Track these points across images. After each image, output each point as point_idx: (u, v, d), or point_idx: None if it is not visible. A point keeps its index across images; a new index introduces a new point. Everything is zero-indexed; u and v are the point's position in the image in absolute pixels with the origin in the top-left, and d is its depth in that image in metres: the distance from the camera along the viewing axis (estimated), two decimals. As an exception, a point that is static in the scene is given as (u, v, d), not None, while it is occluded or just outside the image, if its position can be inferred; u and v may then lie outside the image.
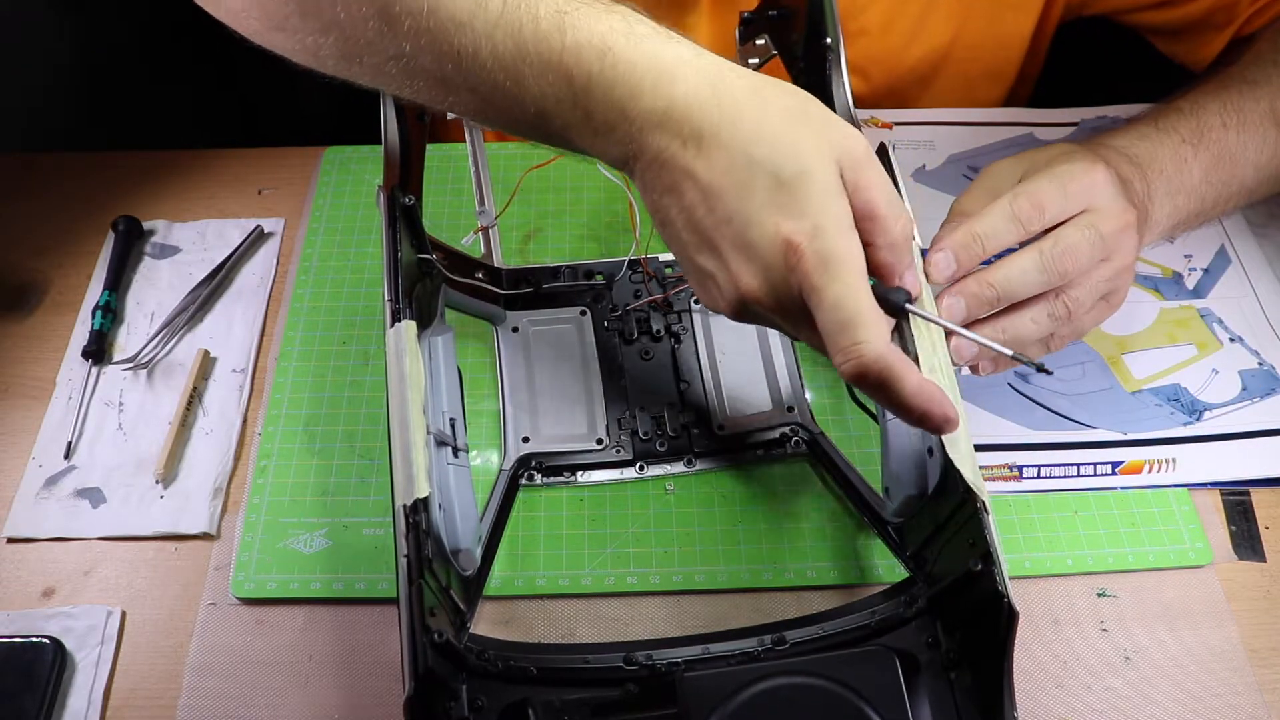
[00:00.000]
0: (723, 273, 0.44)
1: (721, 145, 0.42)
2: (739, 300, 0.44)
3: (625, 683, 0.48)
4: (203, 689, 0.54)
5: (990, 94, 0.85)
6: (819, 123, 0.43)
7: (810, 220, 0.41)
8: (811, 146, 0.42)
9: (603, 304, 0.67)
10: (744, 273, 0.43)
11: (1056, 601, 0.57)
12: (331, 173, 0.77)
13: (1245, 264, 0.71)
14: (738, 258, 0.43)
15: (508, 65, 0.43)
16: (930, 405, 0.41)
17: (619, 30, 0.43)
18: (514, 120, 0.46)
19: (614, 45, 0.42)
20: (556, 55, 0.42)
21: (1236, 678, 0.54)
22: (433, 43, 0.43)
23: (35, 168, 0.77)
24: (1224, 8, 0.73)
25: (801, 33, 0.61)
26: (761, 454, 0.62)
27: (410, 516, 0.45)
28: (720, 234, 0.43)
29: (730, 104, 0.42)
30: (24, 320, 0.69)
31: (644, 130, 0.43)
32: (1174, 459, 0.62)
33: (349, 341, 0.67)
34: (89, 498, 0.60)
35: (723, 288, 0.44)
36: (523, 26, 0.42)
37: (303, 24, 0.45)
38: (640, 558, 0.58)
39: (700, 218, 0.43)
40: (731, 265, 0.43)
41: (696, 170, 0.42)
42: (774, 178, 0.41)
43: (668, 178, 0.43)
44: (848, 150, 0.43)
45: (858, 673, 0.44)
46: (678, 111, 0.42)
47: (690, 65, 0.43)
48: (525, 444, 0.61)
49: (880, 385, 0.41)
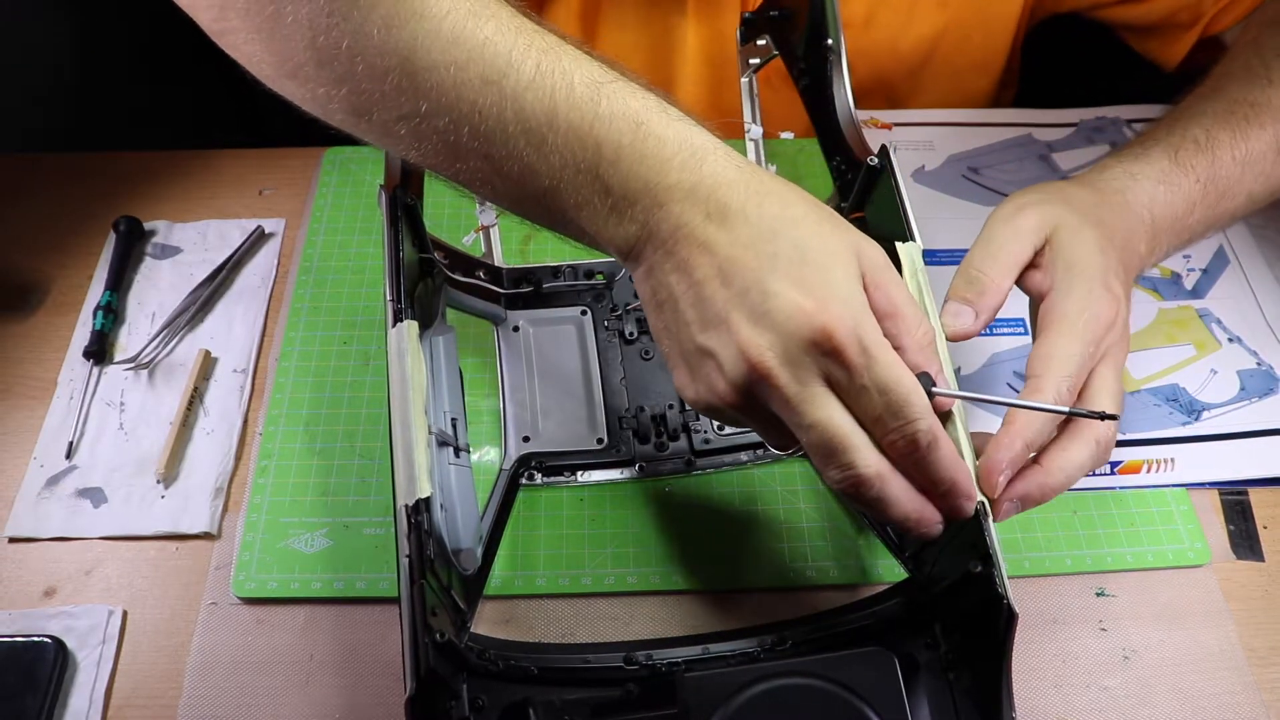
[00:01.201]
0: (729, 348, 0.41)
1: (747, 220, 0.41)
2: (744, 377, 0.41)
3: (625, 682, 0.48)
4: (204, 688, 0.54)
5: (977, 86, 0.85)
6: (841, 221, 0.44)
7: (841, 306, 0.40)
8: (836, 236, 0.42)
9: (603, 304, 0.67)
10: (757, 344, 0.41)
11: (1055, 601, 0.57)
12: (332, 173, 0.77)
13: (1244, 264, 0.72)
14: (751, 329, 0.41)
15: (532, 129, 0.42)
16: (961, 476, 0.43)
17: (653, 108, 0.42)
18: (522, 193, 0.44)
19: (647, 120, 0.42)
20: (589, 124, 0.41)
21: (1235, 677, 0.54)
22: (454, 102, 0.42)
23: (37, 168, 0.77)
24: (1187, 6, 0.74)
25: (802, 33, 0.61)
26: (761, 454, 0.62)
27: (412, 516, 0.45)
28: (733, 305, 0.41)
29: (758, 186, 0.42)
30: (25, 320, 0.69)
31: (667, 203, 0.42)
32: (1172, 459, 0.62)
33: (350, 342, 0.67)
34: (90, 497, 0.60)
35: (726, 364, 0.42)
36: (556, 91, 0.41)
37: (317, 74, 0.44)
38: (640, 558, 0.58)
39: (711, 292, 0.42)
40: (742, 336, 0.41)
41: (716, 242, 0.41)
42: (800, 256, 0.41)
43: (681, 253, 0.42)
44: (868, 251, 0.43)
45: (857, 673, 0.44)
46: (705, 187, 0.42)
47: (719, 150, 0.43)
48: (526, 444, 0.62)
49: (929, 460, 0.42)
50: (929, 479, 0.42)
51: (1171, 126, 0.59)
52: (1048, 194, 0.53)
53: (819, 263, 0.41)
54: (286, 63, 0.44)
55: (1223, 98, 0.60)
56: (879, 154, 0.54)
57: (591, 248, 0.46)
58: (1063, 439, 0.48)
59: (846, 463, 0.41)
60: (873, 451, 0.41)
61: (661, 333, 0.45)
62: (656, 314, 0.45)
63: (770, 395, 0.41)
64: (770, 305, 0.40)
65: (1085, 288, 0.49)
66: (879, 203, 0.55)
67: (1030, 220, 0.51)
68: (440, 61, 0.41)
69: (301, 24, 0.42)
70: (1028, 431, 0.46)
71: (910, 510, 0.43)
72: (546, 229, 0.47)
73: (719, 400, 0.43)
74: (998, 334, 0.68)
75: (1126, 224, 0.53)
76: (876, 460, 0.41)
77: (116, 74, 0.98)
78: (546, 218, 0.46)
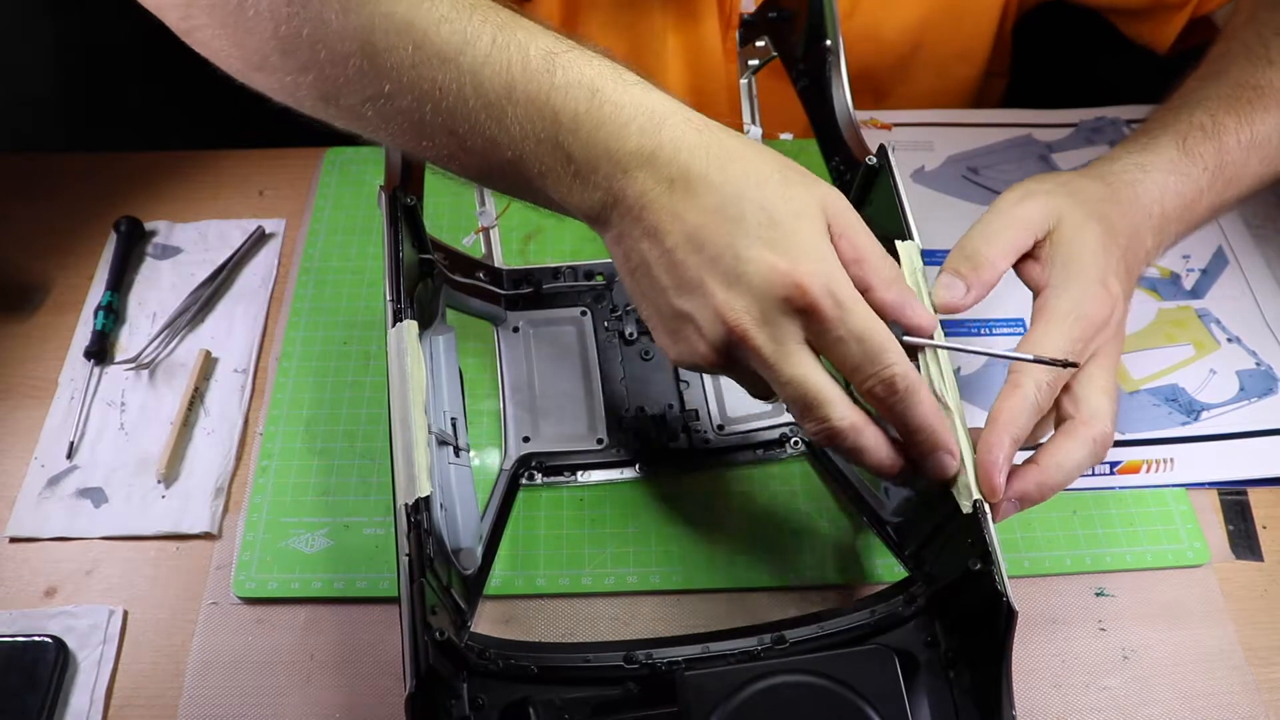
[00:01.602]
0: (706, 311, 0.43)
1: (711, 186, 0.42)
2: (723, 338, 0.43)
3: (626, 681, 0.48)
4: (204, 688, 0.54)
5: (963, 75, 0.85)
6: (805, 175, 0.45)
7: (811, 261, 0.42)
8: (802, 193, 0.43)
9: (603, 304, 0.67)
10: (733, 306, 0.42)
11: (1055, 601, 0.57)
12: (333, 173, 0.77)
13: (1243, 264, 0.72)
14: (727, 292, 0.42)
15: (492, 103, 0.43)
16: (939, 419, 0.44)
17: (608, 75, 0.43)
18: (489, 165, 0.45)
19: (603, 87, 0.43)
20: (545, 93, 0.42)
21: (1234, 677, 0.54)
22: (415, 80, 0.43)
23: (37, 169, 0.78)
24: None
25: (801, 35, 0.61)
26: (761, 454, 0.62)
27: (412, 515, 0.45)
28: (707, 270, 0.42)
29: (719, 149, 0.43)
30: (26, 321, 0.69)
31: (628, 170, 0.43)
32: (1172, 459, 0.62)
33: (350, 342, 0.67)
34: (91, 497, 0.60)
35: (705, 327, 0.43)
36: (512, 64, 0.42)
37: (283, 63, 0.45)
38: (640, 557, 0.58)
39: (683, 258, 0.43)
40: (719, 300, 0.42)
41: (684, 209, 0.42)
42: (768, 217, 0.42)
43: (649, 219, 0.43)
44: (833, 202, 0.44)
45: (857, 671, 0.44)
46: (665, 153, 0.42)
47: (678, 114, 0.43)
48: (526, 444, 0.62)
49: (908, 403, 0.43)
50: (909, 425, 0.44)
51: (1177, 112, 0.58)
52: (1055, 185, 0.53)
53: (787, 222, 0.42)
54: (253, 55, 0.46)
55: (1225, 80, 0.59)
56: (878, 154, 0.54)
57: (561, 214, 0.47)
58: (1059, 438, 0.48)
59: (822, 416, 0.43)
60: (847, 404, 0.44)
61: (638, 297, 0.46)
62: (630, 279, 0.46)
63: (749, 354, 0.43)
64: (743, 268, 0.42)
65: (1081, 286, 0.49)
66: (878, 202, 0.55)
67: (1034, 210, 0.51)
68: (398, 42, 0.42)
69: (263, 15, 0.43)
70: (1013, 427, 0.46)
71: (886, 459, 0.45)
72: (518, 200, 0.48)
73: (701, 360, 0.45)
74: (997, 334, 0.68)
75: (1134, 220, 0.53)
76: (851, 413, 0.44)
77: (116, 74, 0.98)
78: (515, 188, 0.47)
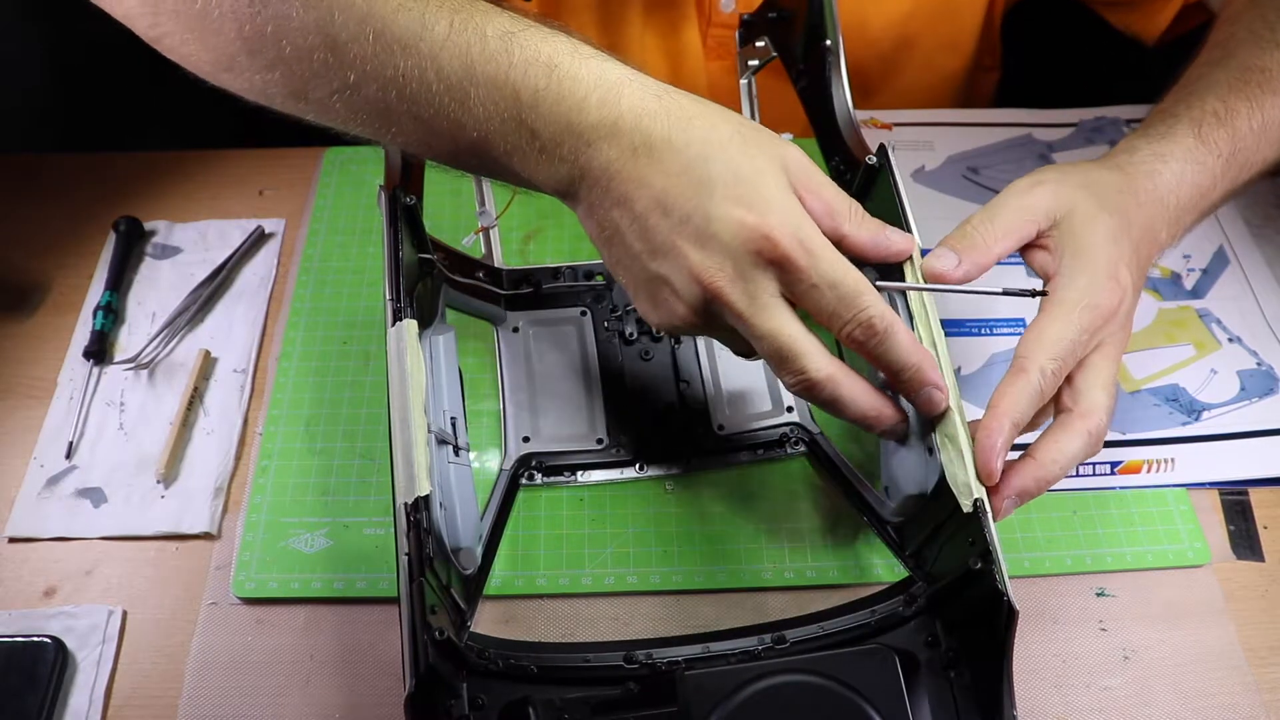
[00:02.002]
0: (680, 273, 0.44)
1: (674, 149, 0.43)
2: (699, 298, 0.44)
3: (626, 681, 0.48)
4: (204, 688, 0.54)
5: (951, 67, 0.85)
6: (764, 133, 0.45)
7: (778, 214, 0.42)
8: (762, 151, 0.44)
9: (603, 304, 0.67)
10: (706, 265, 0.43)
11: (1055, 601, 0.57)
12: (332, 173, 0.77)
13: (1243, 264, 0.72)
14: (699, 252, 0.43)
15: (453, 86, 0.43)
16: (923, 356, 0.45)
17: (565, 50, 0.44)
18: (457, 148, 0.46)
19: (560, 62, 0.43)
20: (504, 73, 0.43)
21: (1234, 677, 0.54)
22: (378, 69, 0.44)
23: (37, 169, 0.78)
24: None
25: (801, 35, 0.61)
26: (761, 454, 0.62)
27: (411, 514, 0.45)
28: (678, 234, 0.43)
29: (679, 113, 0.44)
30: (25, 321, 0.69)
31: (592, 142, 0.43)
32: (1172, 459, 0.62)
33: (350, 342, 0.67)
34: (90, 497, 0.60)
35: (681, 288, 0.44)
36: (470, 46, 0.43)
37: (250, 62, 0.46)
38: (640, 558, 0.58)
39: (655, 223, 0.43)
40: (692, 260, 0.43)
41: (650, 175, 0.43)
42: (733, 175, 0.43)
43: (617, 189, 0.44)
44: (793, 157, 0.45)
45: (857, 671, 0.44)
46: (626, 122, 0.43)
47: (636, 82, 0.44)
48: (525, 444, 0.62)
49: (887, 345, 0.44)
50: (892, 366, 0.45)
51: (1189, 100, 0.57)
52: (1069, 174, 0.52)
53: (752, 179, 0.43)
54: (221, 56, 0.47)
55: (1233, 65, 0.58)
56: (878, 153, 0.54)
57: (532, 190, 0.48)
58: (1056, 430, 0.48)
59: (799, 368, 0.44)
60: (824, 356, 0.44)
61: (615, 266, 0.47)
62: (606, 249, 0.47)
63: (725, 311, 0.44)
64: (713, 227, 0.42)
65: (1089, 276, 0.49)
66: (878, 202, 0.55)
67: (1042, 200, 0.51)
68: (359, 33, 0.43)
69: (227, 16, 0.44)
70: (1014, 412, 0.46)
71: (867, 408, 0.46)
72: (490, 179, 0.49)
73: (680, 322, 0.45)
74: (998, 334, 0.68)
75: (1149, 211, 0.52)
76: (827, 363, 0.44)
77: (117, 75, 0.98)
78: (484, 168, 0.48)
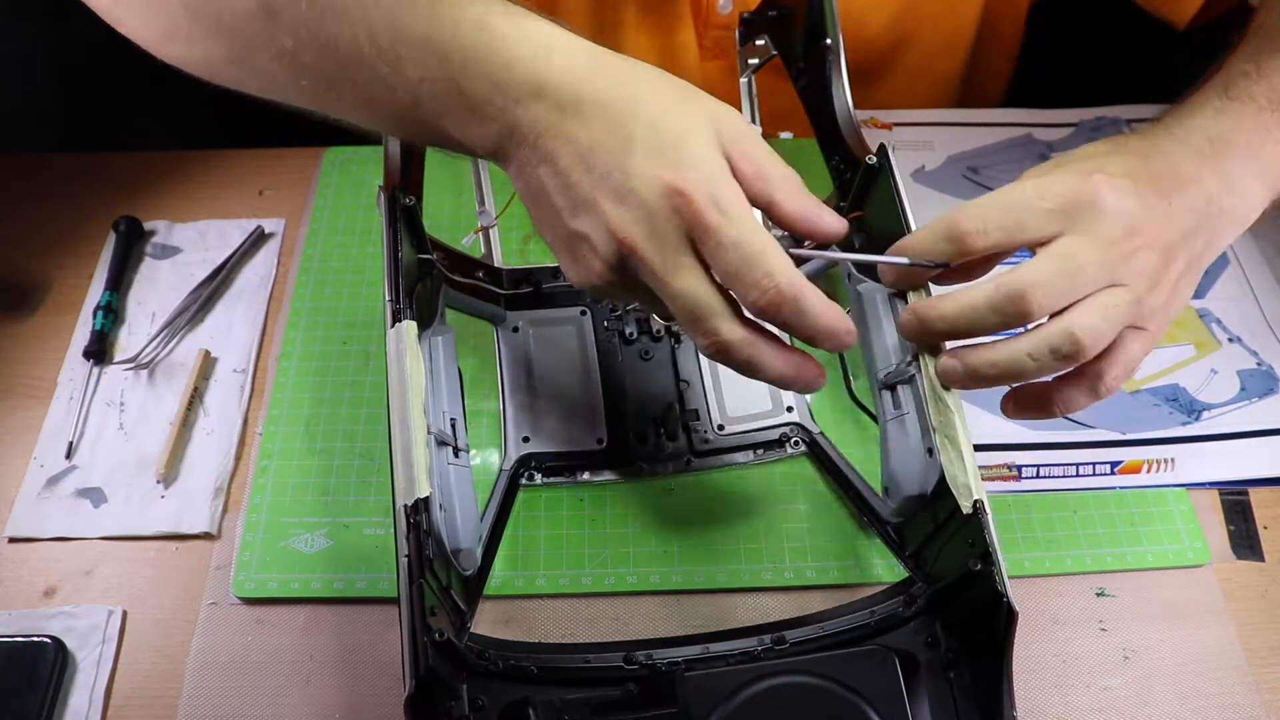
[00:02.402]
0: (599, 230, 0.43)
1: (602, 107, 0.42)
2: (616, 254, 0.43)
3: (625, 682, 0.48)
4: (204, 688, 0.54)
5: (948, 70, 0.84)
6: (697, 94, 0.44)
7: (697, 171, 0.42)
8: (692, 111, 0.43)
9: (603, 304, 0.67)
10: (623, 221, 0.42)
11: (1055, 601, 0.57)
12: (332, 173, 0.77)
13: (1243, 264, 0.72)
14: (617, 209, 0.42)
15: (385, 49, 0.43)
16: (837, 321, 0.43)
17: (495, 9, 0.44)
18: (393, 113, 0.46)
19: (490, 22, 0.43)
20: (434, 33, 0.43)
21: (1235, 677, 0.54)
22: (312, 35, 0.44)
23: (37, 168, 0.78)
24: None
25: (801, 33, 0.61)
26: (761, 454, 0.62)
27: (411, 516, 0.45)
28: (598, 189, 0.43)
29: (610, 72, 0.43)
30: (25, 320, 0.69)
31: (520, 101, 0.43)
32: (1172, 459, 0.62)
33: (349, 342, 0.67)
34: (90, 497, 0.60)
35: (598, 245, 0.43)
36: (399, 7, 0.43)
37: (192, 29, 0.47)
38: (640, 558, 0.58)
39: (577, 179, 0.43)
40: (610, 216, 0.42)
41: (575, 133, 0.43)
42: (656, 134, 0.42)
43: (544, 146, 0.43)
44: (727, 119, 0.44)
45: (857, 672, 0.44)
46: (555, 81, 0.43)
47: (566, 41, 0.44)
48: (525, 444, 0.62)
49: (797, 309, 0.42)
50: (804, 333, 0.43)
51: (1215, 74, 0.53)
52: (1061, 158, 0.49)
53: (675, 136, 0.42)
54: (167, 25, 0.48)
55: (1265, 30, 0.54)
56: (878, 153, 0.54)
57: (468, 155, 0.48)
58: None
59: (710, 329, 0.43)
60: (737, 318, 0.43)
61: (541, 225, 0.46)
62: (533, 208, 0.46)
63: (640, 269, 0.43)
64: (632, 183, 0.42)
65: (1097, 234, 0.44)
66: (878, 202, 0.55)
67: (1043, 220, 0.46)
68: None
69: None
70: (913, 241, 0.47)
71: (785, 369, 0.44)
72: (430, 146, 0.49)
73: (599, 280, 0.45)
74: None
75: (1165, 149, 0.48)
76: (741, 326, 0.43)
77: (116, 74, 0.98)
78: (422, 134, 0.48)
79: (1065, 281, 0.44)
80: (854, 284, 0.57)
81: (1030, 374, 0.46)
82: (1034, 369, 0.45)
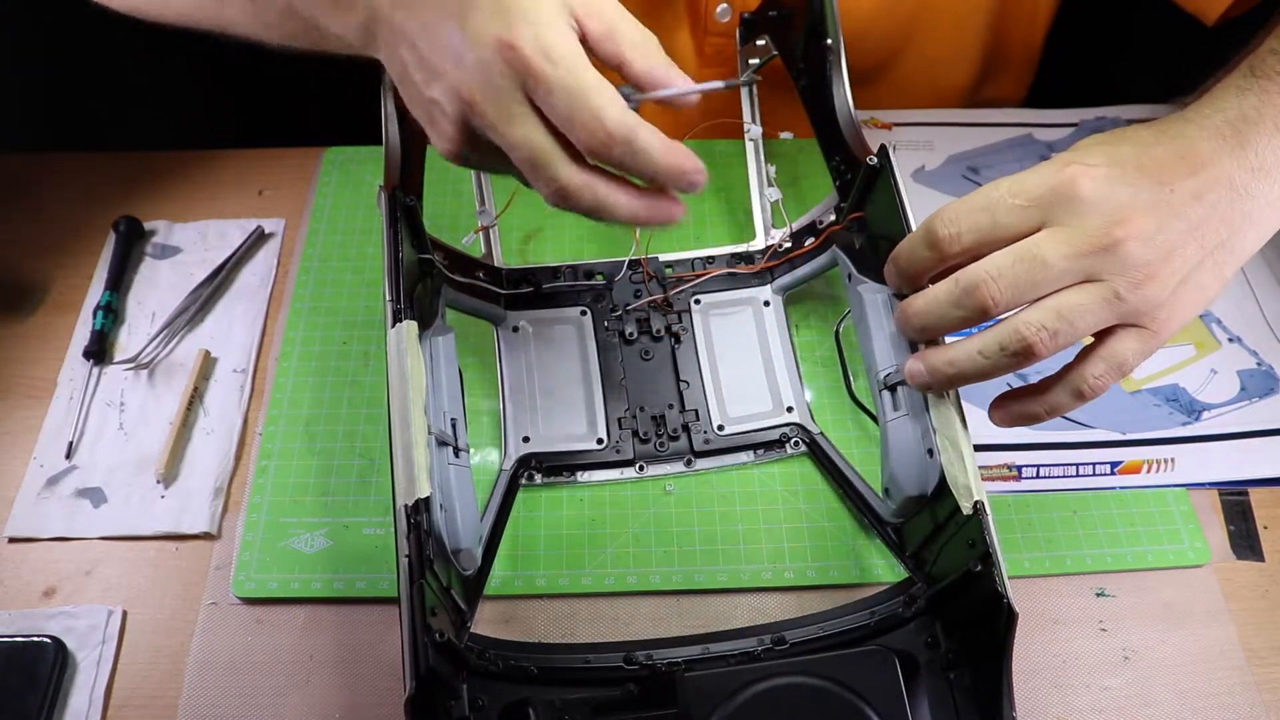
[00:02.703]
0: (446, 93, 0.44)
1: None
2: (460, 114, 0.44)
3: (625, 682, 0.48)
4: (204, 688, 0.54)
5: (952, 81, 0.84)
6: None
7: (529, 25, 0.42)
8: None
9: (603, 304, 0.67)
10: (463, 80, 0.43)
11: (1055, 601, 0.57)
12: (332, 173, 0.77)
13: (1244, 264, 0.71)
14: (458, 70, 0.43)
15: None
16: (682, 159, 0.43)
17: None
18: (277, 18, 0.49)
19: None
20: None
21: (1235, 677, 0.54)
22: None
23: (36, 168, 0.77)
24: None
25: (801, 33, 0.61)
26: (761, 454, 0.62)
27: (411, 516, 0.45)
28: (443, 55, 0.44)
29: None
30: (25, 320, 0.69)
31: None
32: (1172, 459, 0.62)
33: (350, 341, 0.67)
34: (90, 498, 0.60)
35: (447, 107, 0.44)
36: None
37: None
38: (640, 558, 0.58)
39: (426, 51, 0.44)
40: (452, 77, 0.43)
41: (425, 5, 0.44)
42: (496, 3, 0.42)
43: (399, 24, 0.45)
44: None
45: (857, 673, 0.44)
46: None
47: None
48: (525, 444, 0.62)
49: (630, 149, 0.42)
50: (645, 173, 0.43)
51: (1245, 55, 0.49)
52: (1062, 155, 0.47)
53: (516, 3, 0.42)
54: None
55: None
56: (878, 153, 0.54)
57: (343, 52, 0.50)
58: None
59: (550, 176, 0.43)
60: (576, 163, 0.44)
61: (410, 103, 0.48)
62: (401, 87, 0.48)
63: (481, 123, 0.44)
64: (469, 43, 0.43)
65: None
66: (879, 202, 0.55)
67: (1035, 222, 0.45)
68: None
69: None
70: None
71: (637, 209, 0.45)
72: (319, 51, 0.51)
73: (453, 144, 0.46)
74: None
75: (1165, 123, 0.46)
76: (580, 171, 0.44)
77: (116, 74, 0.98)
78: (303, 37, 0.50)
79: (1023, 274, 0.43)
80: (854, 284, 0.57)
81: (986, 372, 0.45)
82: (987, 366, 0.45)
